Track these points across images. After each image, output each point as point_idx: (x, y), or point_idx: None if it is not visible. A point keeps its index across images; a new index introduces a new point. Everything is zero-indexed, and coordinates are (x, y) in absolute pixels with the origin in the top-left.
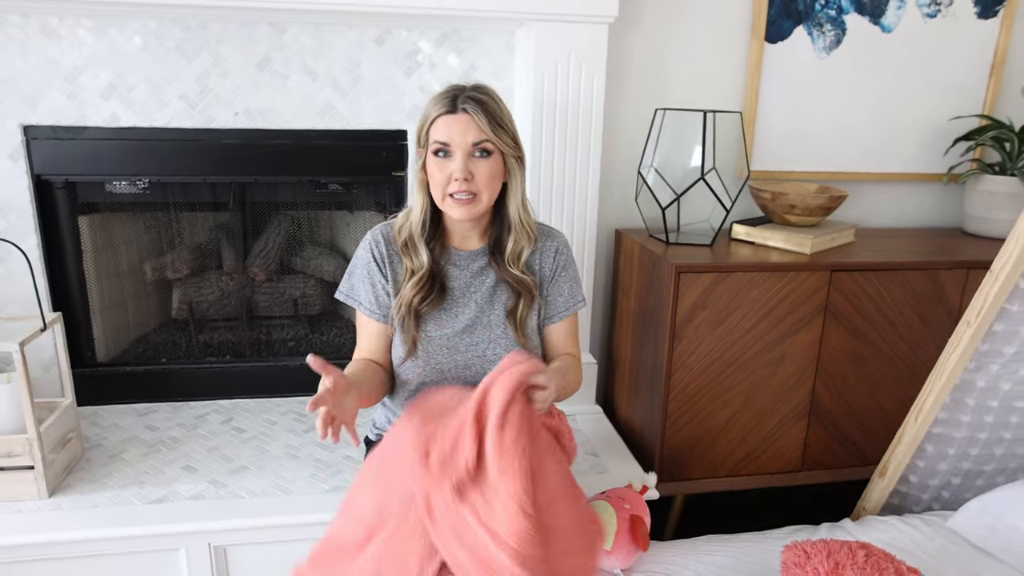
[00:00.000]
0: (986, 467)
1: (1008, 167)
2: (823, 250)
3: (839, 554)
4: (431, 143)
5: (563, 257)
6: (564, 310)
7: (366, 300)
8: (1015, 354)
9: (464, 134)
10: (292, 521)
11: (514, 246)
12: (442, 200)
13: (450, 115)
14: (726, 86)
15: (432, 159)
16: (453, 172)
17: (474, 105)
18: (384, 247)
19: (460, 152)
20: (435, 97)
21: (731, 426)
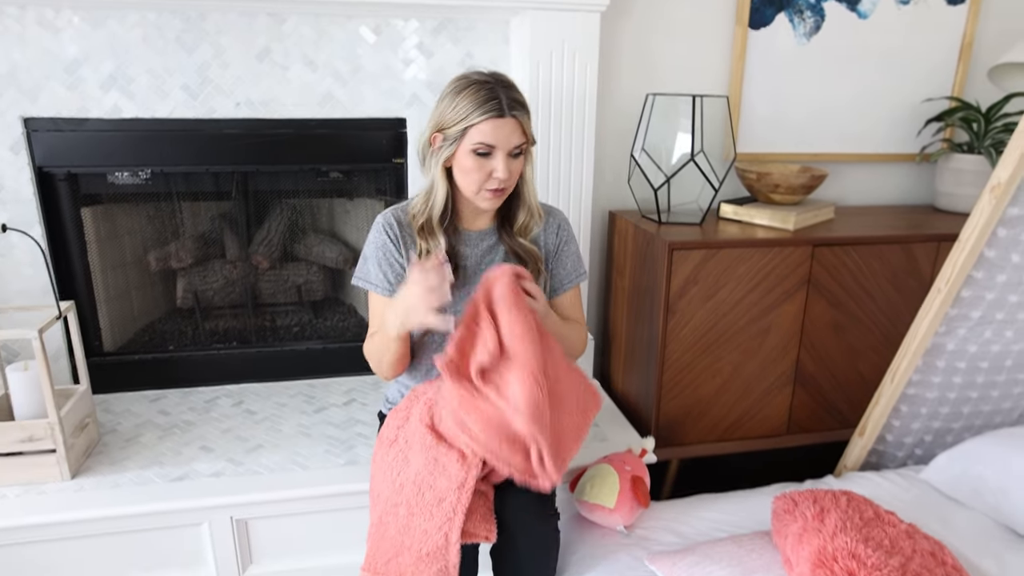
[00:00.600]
0: (955, 425)
1: (976, 146)
2: (805, 227)
3: (824, 500)
4: (472, 143)
5: (565, 233)
6: (568, 282)
7: (383, 282)
8: (981, 318)
9: (509, 138)
10: (311, 493)
11: (523, 222)
12: (475, 193)
13: (499, 119)
14: (712, 71)
15: (469, 156)
16: (495, 171)
17: (520, 110)
18: (398, 229)
19: (502, 153)
20: (476, 96)
21: (722, 394)
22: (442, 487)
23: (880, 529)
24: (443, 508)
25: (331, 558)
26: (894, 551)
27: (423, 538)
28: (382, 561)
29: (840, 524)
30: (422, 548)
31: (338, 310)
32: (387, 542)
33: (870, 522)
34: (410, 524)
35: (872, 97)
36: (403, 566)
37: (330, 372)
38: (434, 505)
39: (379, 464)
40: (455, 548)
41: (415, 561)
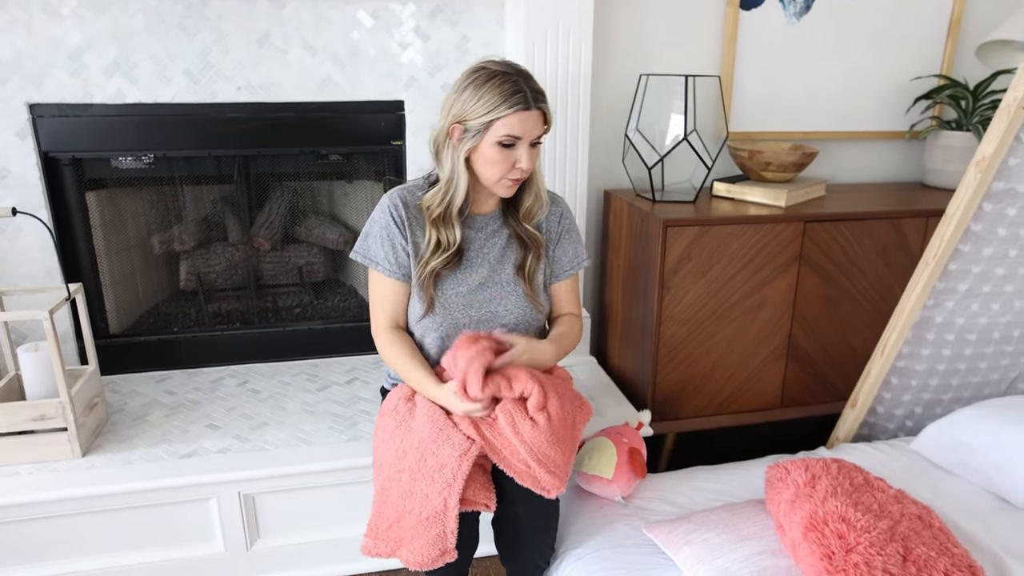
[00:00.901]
0: (944, 396)
1: (964, 123)
2: (797, 203)
3: (815, 468)
4: (499, 135)
5: (567, 221)
6: (569, 268)
7: (385, 260)
8: (968, 291)
9: (534, 129)
10: (316, 468)
11: (529, 207)
12: (496, 182)
13: (525, 112)
14: (705, 52)
15: (495, 147)
16: (518, 162)
17: (544, 101)
18: (403, 211)
19: (526, 144)
20: (501, 89)
21: (716, 369)
22: (444, 454)
23: (869, 494)
24: (444, 474)
25: (336, 531)
26: (883, 514)
27: (424, 502)
28: (384, 526)
29: (830, 490)
30: (422, 512)
31: (339, 291)
32: (389, 508)
33: (860, 488)
34: (412, 489)
35: (862, 76)
36: (403, 530)
37: (332, 352)
38: (435, 471)
39: (381, 434)
40: (453, 513)
41: (415, 524)
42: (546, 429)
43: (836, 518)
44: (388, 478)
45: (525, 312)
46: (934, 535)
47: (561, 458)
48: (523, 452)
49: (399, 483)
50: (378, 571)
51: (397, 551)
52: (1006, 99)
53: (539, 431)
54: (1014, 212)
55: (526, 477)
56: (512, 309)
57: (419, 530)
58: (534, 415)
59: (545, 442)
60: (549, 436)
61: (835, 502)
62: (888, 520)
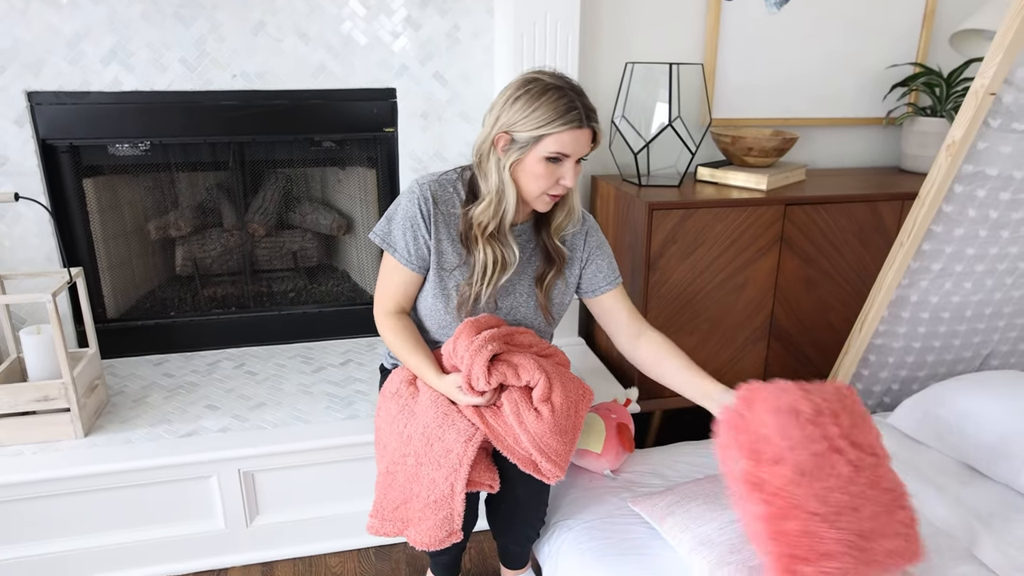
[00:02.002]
0: (920, 373)
1: (938, 109)
2: (778, 187)
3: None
4: (548, 150)
5: (594, 239)
6: (605, 285)
7: (404, 250)
8: (941, 270)
9: (583, 147)
10: (313, 446)
11: (560, 222)
12: (536, 197)
13: (579, 130)
14: (688, 40)
15: (542, 162)
16: (563, 179)
17: (596, 120)
18: (432, 205)
19: (571, 161)
20: (556, 105)
21: (701, 347)
22: (450, 439)
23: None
24: (450, 459)
25: (334, 508)
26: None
27: (431, 486)
28: (390, 508)
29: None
30: (429, 495)
31: (332, 275)
32: (395, 490)
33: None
34: (419, 473)
35: (840, 64)
36: (411, 512)
37: (326, 335)
38: (442, 456)
39: (384, 416)
40: (460, 497)
41: (422, 507)
42: (550, 420)
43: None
44: (393, 461)
45: (535, 321)
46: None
47: (563, 447)
48: (526, 442)
49: (405, 467)
50: (375, 546)
51: (404, 531)
52: (974, 85)
53: (543, 422)
54: (983, 194)
55: (528, 464)
56: (521, 320)
57: (426, 512)
58: (538, 406)
59: (548, 432)
60: (552, 426)
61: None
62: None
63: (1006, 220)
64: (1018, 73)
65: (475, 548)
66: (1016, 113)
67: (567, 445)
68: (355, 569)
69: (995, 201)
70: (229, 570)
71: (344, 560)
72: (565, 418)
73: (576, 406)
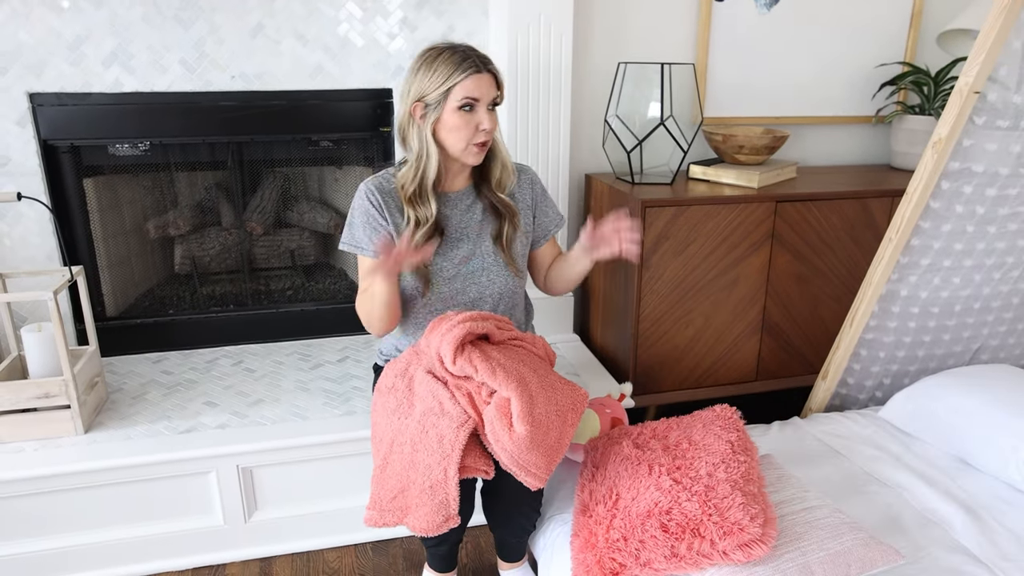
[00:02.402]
0: (911, 367)
1: (926, 108)
2: (769, 184)
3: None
4: (458, 100)
5: (538, 187)
6: (553, 228)
7: (368, 244)
8: (929, 265)
9: (488, 91)
10: (311, 441)
11: (499, 177)
12: (463, 150)
13: (478, 74)
14: (680, 40)
15: (457, 113)
16: (480, 123)
17: (493, 65)
18: (380, 197)
19: (483, 106)
20: (452, 60)
21: (694, 344)
22: (443, 426)
23: None
24: (443, 446)
25: (331, 503)
26: None
27: (426, 472)
28: (387, 498)
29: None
30: (425, 481)
31: (329, 273)
32: (392, 479)
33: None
34: (415, 460)
35: (830, 63)
36: (408, 499)
37: (324, 332)
38: (435, 442)
39: (380, 410)
40: (454, 482)
41: (419, 494)
42: (525, 438)
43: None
44: (390, 451)
45: (507, 282)
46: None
47: (543, 459)
48: (504, 458)
49: (402, 455)
50: (372, 541)
51: (403, 519)
52: (958, 84)
53: (518, 441)
54: (970, 190)
55: (510, 467)
56: (495, 279)
57: (423, 499)
58: (515, 424)
59: (525, 450)
60: (529, 443)
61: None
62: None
63: (992, 216)
64: (1002, 71)
65: (472, 543)
66: (1001, 110)
67: (548, 456)
68: (353, 564)
69: (981, 197)
70: (228, 565)
71: (342, 555)
72: (547, 432)
73: (564, 415)
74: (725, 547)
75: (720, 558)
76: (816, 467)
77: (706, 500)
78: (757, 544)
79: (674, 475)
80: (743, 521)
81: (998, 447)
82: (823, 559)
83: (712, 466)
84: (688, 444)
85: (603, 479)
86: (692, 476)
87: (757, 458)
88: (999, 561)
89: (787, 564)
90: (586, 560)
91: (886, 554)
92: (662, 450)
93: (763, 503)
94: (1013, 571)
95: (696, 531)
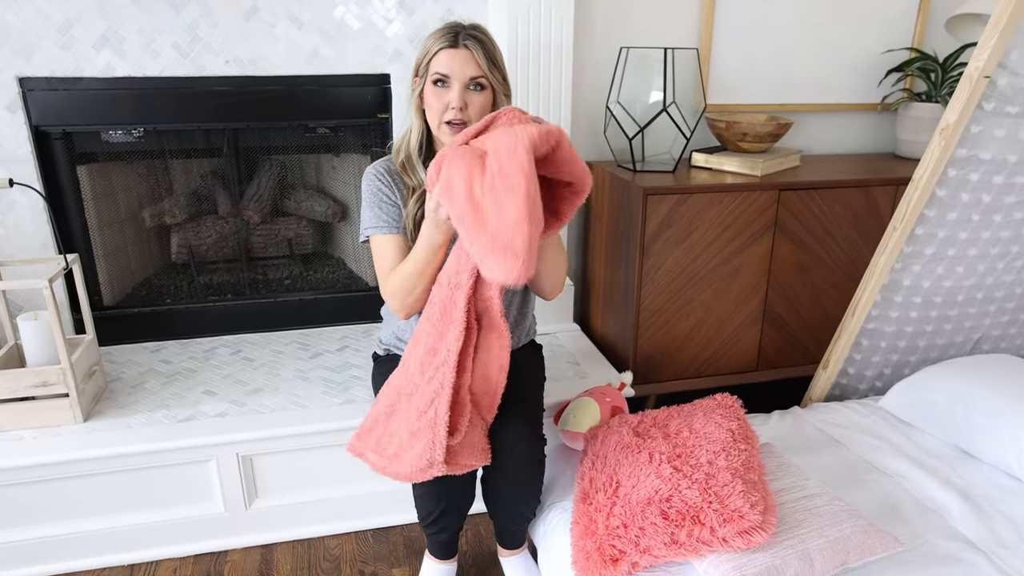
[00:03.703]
0: (911, 357)
1: (933, 95)
2: (772, 172)
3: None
4: (431, 73)
5: None
6: None
7: (382, 219)
8: (933, 255)
9: (464, 68)
10: (311, 430)
11: None
12: (438, 127)
13: (452, 49)
14: (683, 25)
15: (431, 88)
16: (450, 101)
17: (474, 42)
18: (387, 177)
19: (458, 84)
20: (436, 32)
21: (695, 333)
22: (451, 337)
23: None
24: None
25: (331, 491)
26: None
27: (418, 415)
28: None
29: None
30: (416, 424)
31: (327, 262)
32: (381, 429)
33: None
34: (410, 404)
35: (835, 49)
36: (395, 445)
37: (322, 322)
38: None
39: (378, 381)
40: (443, 420)
41: (409, 437)
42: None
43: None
44: (388, 404)
45: None
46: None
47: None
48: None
49: (399, 406)
50: (372, 528)
51: (387, 468)
52: (968, 68)
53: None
54: (976, 178)
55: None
56: None
57: (412, 443)
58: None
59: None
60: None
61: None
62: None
63: (999, 204)
64: (1012, 56)
65: (472, 530)
66: (1010, 96)
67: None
68: (353, 551)
69: (988, 185)
70: (228, 552)
71: (342, 542)
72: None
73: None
74: (725, 534)
75: (720, 545)
76: (816, 456)
77: (706, 488)
78: (757, 531)
79: (674, 463)
80: (743, 508)
81: (997, 437)
82: (822, 546)
83: (713, 454)
84: (689, 432)
85: (603, 467)
86: (692, 464)
87: (758, 446)
88: (996, 548)
89: (787, 551)
90: (586, 547)
91: (885, 541)
92: (663, 438)
93: (763, 491)
94: (1010, 558)
95: (696, 518)
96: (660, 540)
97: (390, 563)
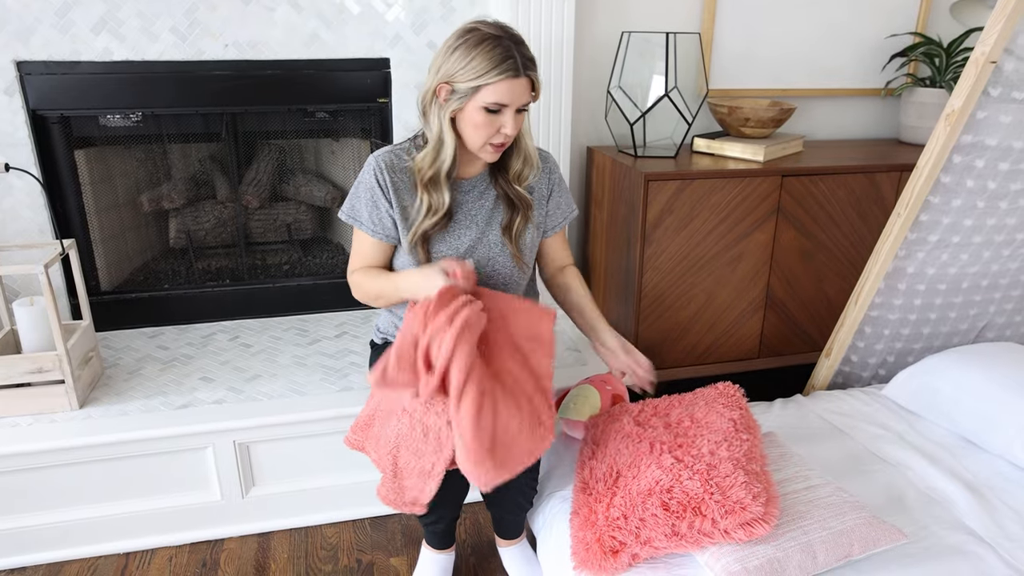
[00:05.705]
0: (915, 346)
1: (938, 80)
2: (775, 158)
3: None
4: (486, 100)
5: (556, 176)
6: (563, 220)
7: (368, 221)
8: (938, 241)
9: (521, 96)
10: (308, 417)
11: (518, 170)
12: (480, 147)
13: (514, 79)
14: (685, 9)
15: (481, 112)
16: (503, 127)
17: (533, 69)
18: (388, 175)
19: (512, 110)
20: (492, 54)
21: (697, 320)
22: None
23: None
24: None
25: (329, 479)
26: None
27: (417, 455)
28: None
29: None
30: (413, 465)
31: (326, 248)
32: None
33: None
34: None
35: (839, 34)
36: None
37: (321, 307)
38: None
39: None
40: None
41: (406, 470)
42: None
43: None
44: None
45: (512, 273)
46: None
47: (492, 473)
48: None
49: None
50: (370, 517)
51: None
52: (974, 53)
53: (460, 450)
54: (982, 164)
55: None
56: (500, 270)
57: (406, 478)
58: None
59: (464, 461)
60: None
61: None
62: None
63: (1004, 191)
64: (1019, 41)
65: (470, 519)
66: (1016, 82)
67: (493, 472)
68: (351, 539)
69: (993, 172)
70: (225, 541)
71: (340, 531)
72: (492, 442)
73: (521, 427)
74: (727, 526)
75: (721, 537)
76: (819, 445)
77: (708, 478)
78: (759, 523)
79: (675, 453)
80: (745, 500)
81: (1002, 426)
82: (825, 538)
83: (714, 444)
84: (690, 422)
85: (603, 457)
86: (694, 454)
87: (760, 436)
88: (1002, 540)
89: (789, 543)
90: (585, 538)
91: (889, 533)
92: (664, 428)
93: (765, 482)
94: (1015, 550)
95: (697, 510)
96: (661, 531)
97: (388, 552)
